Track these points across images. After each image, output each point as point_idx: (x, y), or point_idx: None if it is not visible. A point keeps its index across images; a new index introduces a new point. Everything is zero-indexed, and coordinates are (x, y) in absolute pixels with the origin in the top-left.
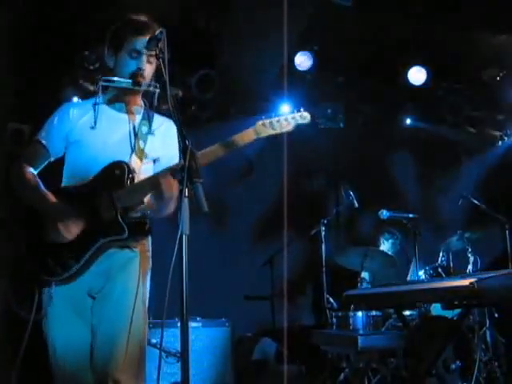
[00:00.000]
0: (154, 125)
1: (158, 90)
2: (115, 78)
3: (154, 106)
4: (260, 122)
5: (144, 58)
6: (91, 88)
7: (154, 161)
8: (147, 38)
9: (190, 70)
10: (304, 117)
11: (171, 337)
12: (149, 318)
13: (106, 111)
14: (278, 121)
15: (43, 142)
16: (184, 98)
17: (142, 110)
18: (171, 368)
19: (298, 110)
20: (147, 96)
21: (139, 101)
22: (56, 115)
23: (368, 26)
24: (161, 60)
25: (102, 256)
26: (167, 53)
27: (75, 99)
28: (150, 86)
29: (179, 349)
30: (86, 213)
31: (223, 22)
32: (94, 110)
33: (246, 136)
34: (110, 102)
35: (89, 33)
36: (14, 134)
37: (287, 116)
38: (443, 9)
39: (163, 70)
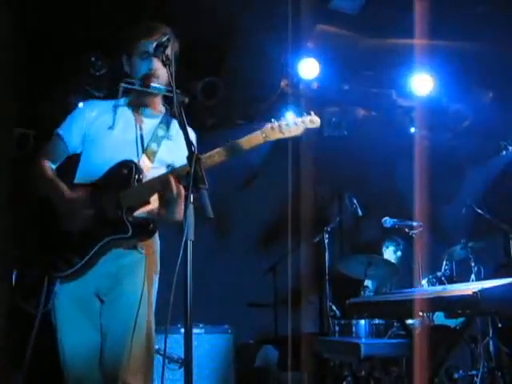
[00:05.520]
0: (173, 131)
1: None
2: (134, 81)
3: (173, 112)
4: (268, 126)
5: (154, 58)
6: (97, 94)
7: (168, 166)
8: (156, 39)
9: (194, 76)
10: (314, 121)
11: (173, 343)
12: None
13: (125, 113)
14: (286, 124)
15: (62, 135)
16: (189, 105)
17: (161, 115)
18: (173, 374)
19: (308, 113)
20: (170, 102)
21: (159, 105)
22: (78, 111)
23: (373, 35)
24: (167, 67)
25: (107, 256)
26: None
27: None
28: (168, 90)
29: (181, 355)
30: (93, 211)
31: (228, 29)
32: (111, 112)
33: (254, 139)
34: (130, 105)
35: (95, 39)
36: (20, 140)
37: (296, 120)
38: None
39: (170, 76)
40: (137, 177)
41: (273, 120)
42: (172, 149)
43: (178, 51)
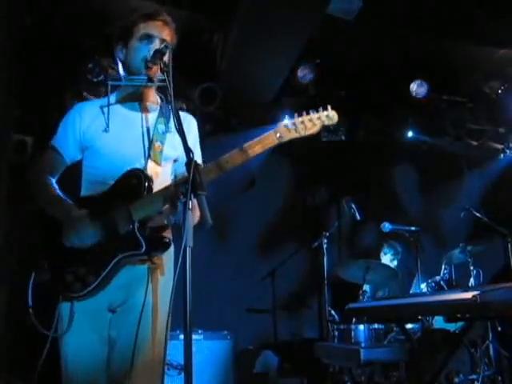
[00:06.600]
0: (172, 121)
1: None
2: (123, 75)
3: (169, 100)
4: (282, 124)
5: (157, 42)
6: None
7: (175, 160)
8: (158, 22)
9: (192, 82)
10: (331, 117)
11: (173, 349)
12: None
13: (119, 111)
14: (301, 122)
15: (56, 147)
16: (187, 111)
17: (158, 107)
18: (172, 380)
19: (325, 108)
20: (163, 91)
21: (153, 97)
22: (67, 118)
23: (369, 40)
24: (165, 74)
25: (121, 271)
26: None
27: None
28: (161, 80)
29: (180, 361)
30: (104, 227)
31: (226, 35)
32: (103, 113)
33: (267, 141)
34: (123, 101)
35: (92, 45)
36: (18, 146)
37: (312, 116)
38: (443, 23)
39: (168, 83)
40: (147, 185)
41: (286, 117)
42: (175, 143)
43: (175, 43)
